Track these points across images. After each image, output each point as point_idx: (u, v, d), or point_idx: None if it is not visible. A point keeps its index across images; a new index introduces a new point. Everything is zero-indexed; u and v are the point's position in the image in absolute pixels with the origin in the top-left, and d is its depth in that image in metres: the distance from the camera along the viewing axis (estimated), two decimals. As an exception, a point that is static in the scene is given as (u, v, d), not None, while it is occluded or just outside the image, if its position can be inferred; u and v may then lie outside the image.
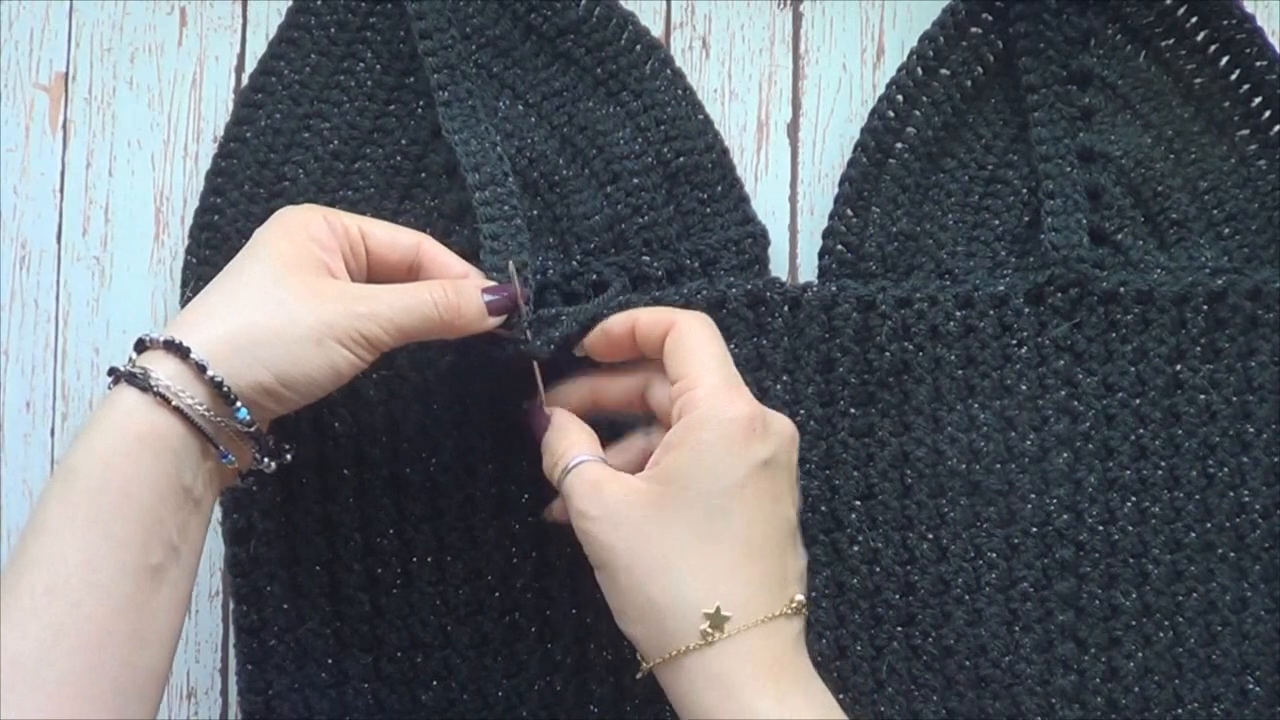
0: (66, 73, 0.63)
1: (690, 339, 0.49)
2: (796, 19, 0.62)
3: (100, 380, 0.61)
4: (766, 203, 0.61)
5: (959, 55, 0.59)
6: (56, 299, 0.62)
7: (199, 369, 0.45)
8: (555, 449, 0.50)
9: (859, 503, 0.56)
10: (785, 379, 0.56)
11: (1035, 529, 0.56)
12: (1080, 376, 0.57)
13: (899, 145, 0.58)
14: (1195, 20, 0.59)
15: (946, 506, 0.56)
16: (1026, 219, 0.59)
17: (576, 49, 0.59)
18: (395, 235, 0.52)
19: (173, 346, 0.45)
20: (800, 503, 0.50)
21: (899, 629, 0.56)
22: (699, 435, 0.46)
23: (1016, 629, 0.56)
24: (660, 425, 0.51)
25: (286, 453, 0.50)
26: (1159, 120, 0.59)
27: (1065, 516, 0.56)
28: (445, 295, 0.49)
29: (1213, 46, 0.59)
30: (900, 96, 0.58)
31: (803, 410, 0.56)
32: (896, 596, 0.56)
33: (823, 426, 0.56)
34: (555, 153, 0.58)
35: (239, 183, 0.58)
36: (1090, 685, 0.56)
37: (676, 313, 0.51)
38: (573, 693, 0.56)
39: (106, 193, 0.63)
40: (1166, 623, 0.56)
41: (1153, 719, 0.55)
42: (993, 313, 0.57)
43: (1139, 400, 0.57)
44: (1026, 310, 0.57)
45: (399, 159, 0.59)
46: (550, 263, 0.57)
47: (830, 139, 0.62)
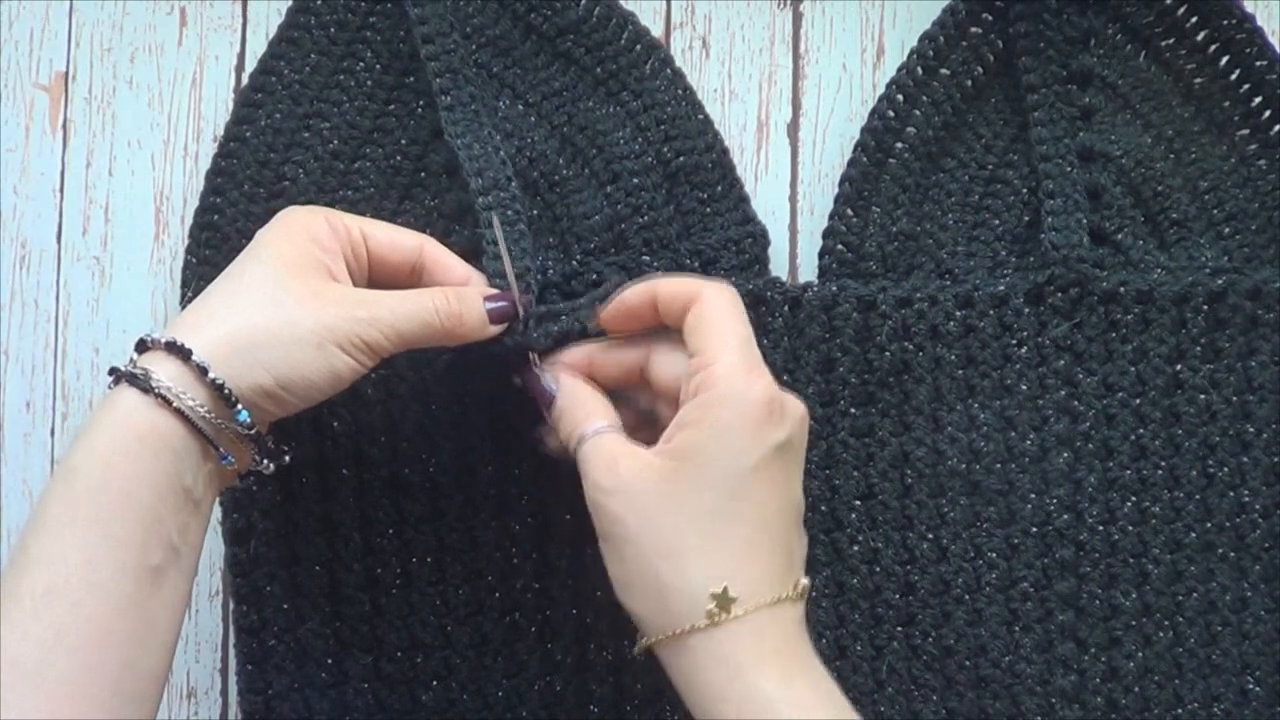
0: (66, 73, 0.63)
1: (714, 313, 0.48)
2: (796, 19, 0.62)
3: (100, 380, 0.61)
4: (766, 203, 0.61)
5: (959, 55, 0.59)
6: (56, 299, 0.62)
7: (200, 371, 0.45)
8: (573, 416, 0.49)
9: (859, 503, 0.56)
10: (785, 379, 0.56)
11: (1035, 529, 0.56)
12: (1080, 376, 0.57)
13: (899, 145, 0.58)
14: (1195, 20, 0.59)
15: (946, 506, 0.56)
16: (1026, 219, 0.59)
17: (576, 49, 0.59)
18: (397, 237, 0.52)
19: (174, 348, 0.45)
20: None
21: (899, 629, 0.56)
22: (717, 414, 0.45)
23: (1016, 629, 0.56)
24: (662, 398, 0.51)
25: (285, 454, 0.50)
26: (1159, 120, 0.59)
27: (1065, 516, 0.56)
28: (448, 303, 0.49)
29: (1213, 46, 0.59)
30: (900, 96, 0.58)
31: (803, 410, 0.56)
32: (896, 596, 0.56)
33: (823, 426, 0.56)
34: (555, 153, 0.58)
35: (239, 183, 0.58)
36: (1090, 685, 0.56)
37: (700, 284, 0.49)
38: (573, 693, 0.56)
39: (106, 193, 0.63)
40: (1166, 623, 0.56)
41: (1153, 719, 0.55)
42: (993, 313, 0.57)
43: (1139, 400, 0.57)
44: (1026, 310, 0.57)
45: (399, 159, 0.59)
46: (550, 263, 0.57)
47: (830, 139, 0.62)
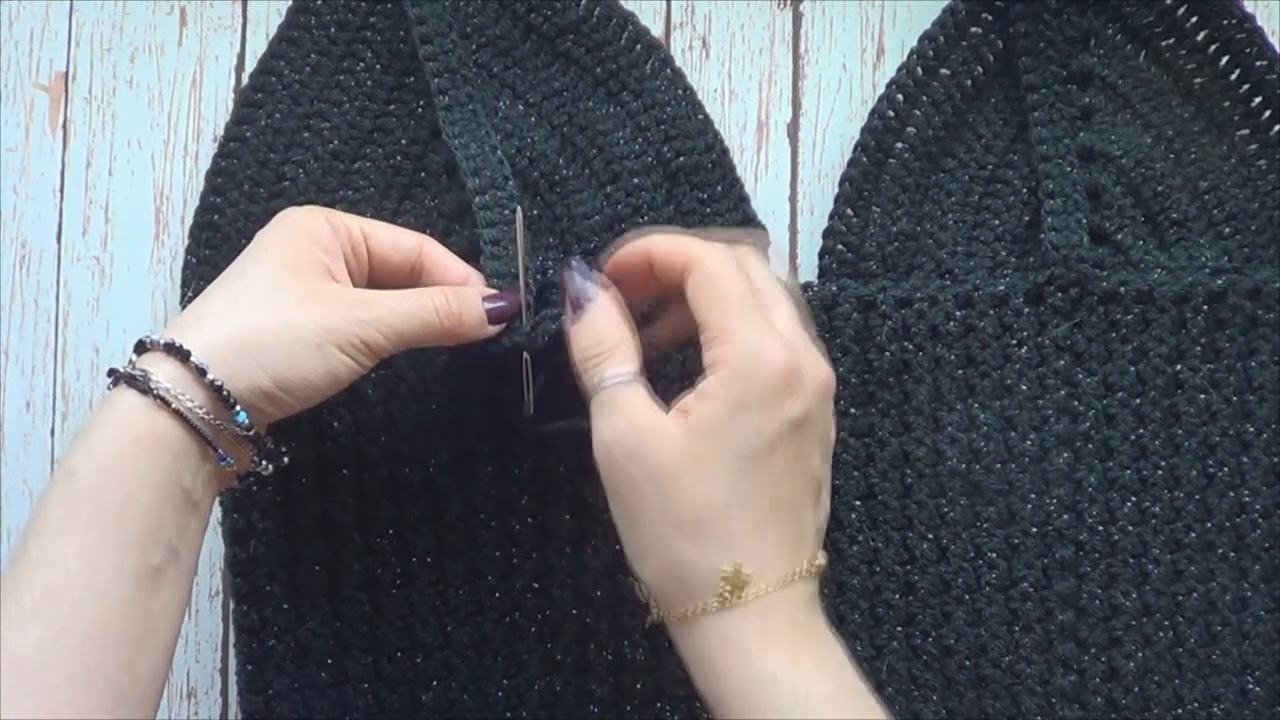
0: (66, 73, 0.63)
1: (714, 282, 0.46)
2: (796, 19, 0.62)
3: (100, 380, 0.61)
4: (766, 203, 0.61)
5: (959, 55, 0.59)
6: (56, 299, 0.62)
7: (199, 372, 0.45)
8: (598, 341, 0.48)
9: (859, 503, 0.56)
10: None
11: (1035, 529, 0.56)
12: (1080, 376, 0.57)
13: (899, 145, 0.58)
14: (1195, 20, 0.59)
15: (946, 506, 0.56)
16: (1026, 219, 0.59)
17: (576, 49, 0.59)
18: (397, 237, 0.52)
19: (173, 349, 0.45)
20: (830, 451, 0.49)
21: (899, 629, 0.56)
22: (736, 391, 0.44)
23: (1016, 629, 0.56)
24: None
25: (284, 455, 0.50)
26: (1159, 120, 0.59)
27: (1065, 516, 0.56)
28: (447, 302, 0.49)
29: (1213, 46, 0.59)
30: (900, 96, 0.58)
31: (803, 410, 0.56)
32: (896, 596, 0.56)
33: (823, 426, 0.56)
34: (555, 153, 0.58)
35: (239, 183, 0.58)
36: (1090, 685, 0.56)
37: (695, 248, 0.47)
38: (573, 693, 0.56)
39: (106, 193, 0.63)
40: (1166, 623, 0.56)
41: (1153, 719, 0.55)
42: (993, 313, 0.57)
43: (1139, 400, 0.57)
44: (1026, 310, 0.57)
45: (399, 159, 0.59)
46: (550, 263, 0.57)
47: (830, 139, 0.62)
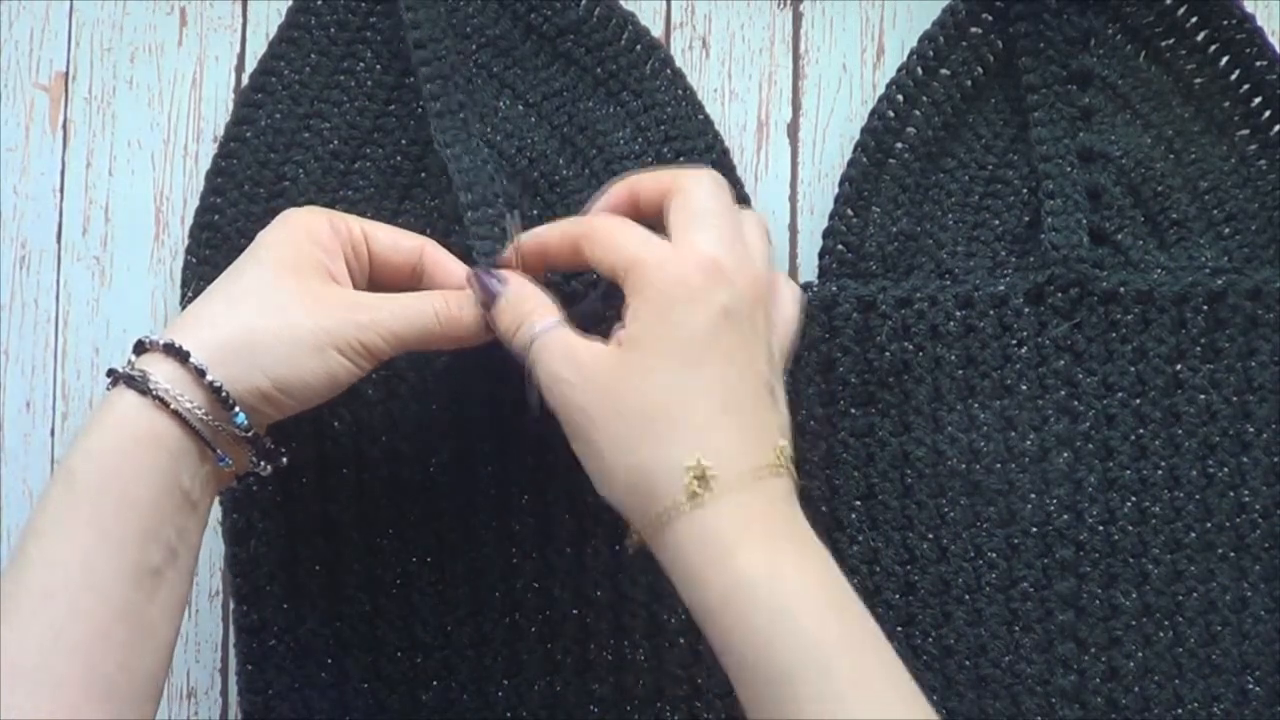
0: (66, 73, 0.63)
1: (607, 230, 0.47)
2: (796, 19, 0.62)
3: (100, 380, 0.61)
4: (766, 203, 0.61)
5: (959, 55, 0.59)
6: (56, 299, 0.62)
7: (198, 373, 0.45)
8: (518, 312, 0.48)
9: (859, 503, 0.56)
10: (785, 379, 0.56)
11: (1035, 529, 0.56)
12: (1080, 376, 0.57)
13: (899, 145, 0.58)
14: (1195, 20, 0.59)
15: (946, 506, 0.56)
16: (1026, 219, 0.59)
17: (576, 49, 0.59)
18: (398, 238, 0.52)
19: (172, 350, 0.45)
20: (780, 364, 0.49)
21: (899, 629, 0.56)
22: (656, 290, 0.45)
23: (1016, 629, 0.56)
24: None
25: (282, 456, 0.50)
26: (1159, 120, 0.59)
27: (1065, 516, 0.56)
28: (447, 306, 0.49)
29: (1213, 46, 0.59)
30: (900, 96, 0.58)
31: (803, 410, 0.56)
32: (896, 596, 0.56)
33: (823, 426, 0.56)
34: (555, 153, 0.58)
35: (239, 183, 0.58)
36: (1090, 685, 0.56)
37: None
38: (573, 693, 0.56)
39: (106, 193, 0.63)
40: (1166, 623, 0.56)
41: (1153, 719, 0.55)
42: (993, 313, 0.57)
43: (1139, 400, 0.57)
44: (1026, 310, 0.57)
45: (399, 159, 0.59)
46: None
47: (830, 139, 0.62)
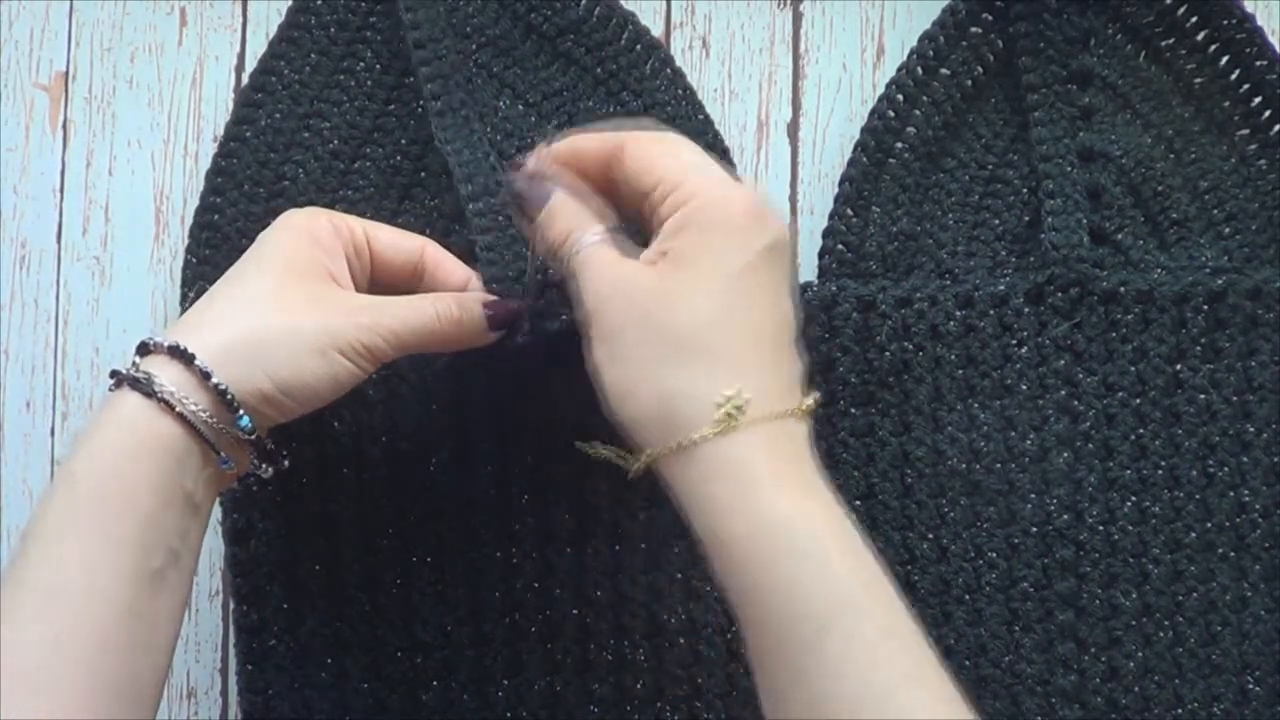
0: (66, 72, 0.63)
1: (658, 145, 0.46)
2: (796, 19, 0.62)
3: (100, 380, 0.61)
4: (767, 203, 0.61)
5: (959, 55, 0.59)
6: (56, 299, 0.62)
7: (203, 375, 0.45)
8: (566, 222, 0.47)
9: (859, 503, 0.56)
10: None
11: (1035, 529, 0.56)
12: (1080, 376, 0.57)
13: (899, 145, 0.58)
14: (1195, 20, 0.59)
15: (946, 506, 0.56)
16: (1026, 219, 0.59)
17: (576, 49, 0.59)
18: (399, 239, 0.52)
19: (177, 352, 0.45)
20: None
21: (899, 629, 0.56)
22: (706, 216, 0.44)
23: (1016, 629, 0.56)
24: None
25: (284, 458, 0.50)
26: (1159, 120, 0.59)
27: (1065, 516, 0.56)
28: (449, 308, 0.49)
29: (1213, 46, 0.59)
30: (900, 96, 0.58)
31: (803, 410, 0.56)
32: (896, 596, 0.56)
33: (823, 426, 0.56)
34: (555, 153, 0.58)
35: (239, 183, 0.58)
36: (1090, 685, 0.56)
37: (625, 133, 0.47)
38: (573, 693, 0.56)
39: (106, 193, 0.62)
40: (1166, 623, 0.56)
41: (1153, 719, 0.55)
42: (993, 313, 0.57)
43: (1139, 400, 0.57)
44: (1026, 310, 0.57)
45: (399, 159, 0.59)
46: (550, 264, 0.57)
47: (830, 139, 0.62)
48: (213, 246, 0.58)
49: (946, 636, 0.56)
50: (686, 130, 0.58)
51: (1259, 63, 0.58)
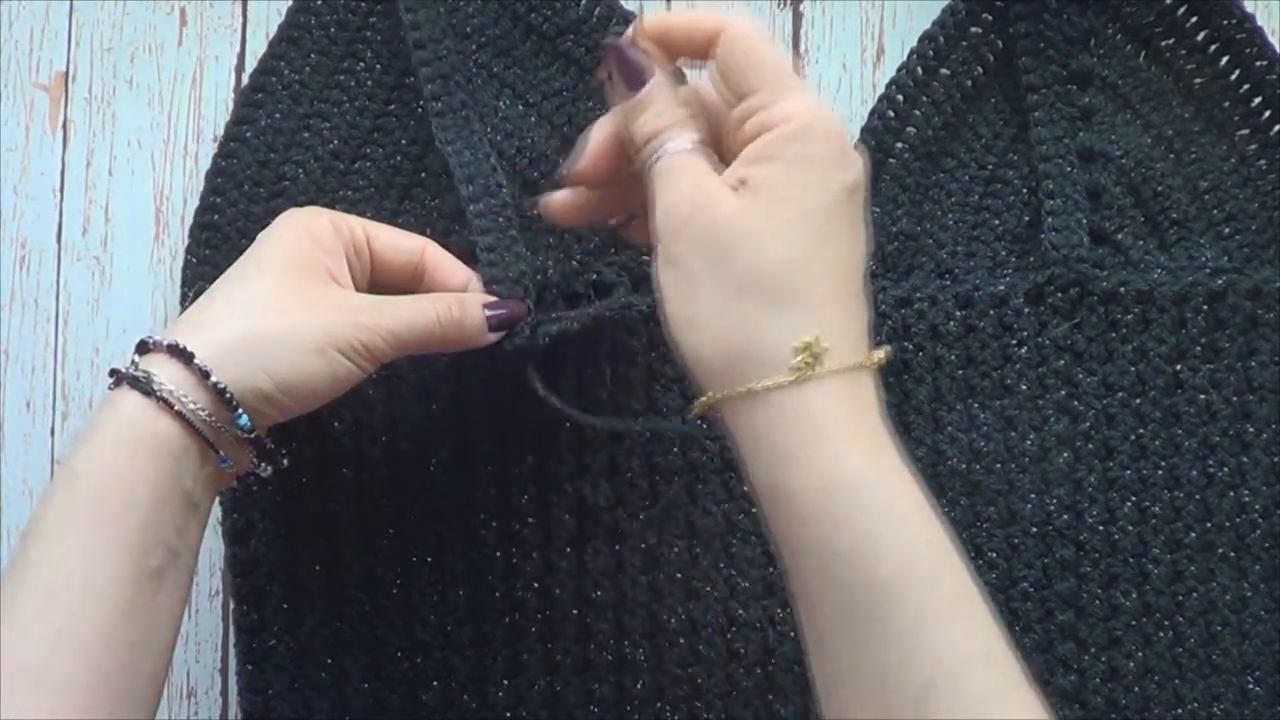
0: (66, 72, 0.63)
1: (755, 49, 0.43)
2: (796, 19, 0.62)
3: (100, 380, 0.61)
4: (766, 203, 0.61)
5: (959, 55, 0.59)
6: (56, 299, 0.62)
7: (202, 374, 0.45)
8: (659, 119, 0.44)
9: (859, 503, 0.56)
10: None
11: (1035, 529, 0.56)
12: (1080, 376, 0.57)
13: (899, 145, 0.59)
14: (1195, 20, 0.59)
15: (946, 506, 0.56)
16: (1026, 219, 0.59)
17: (576, 49, 0.59)
18: (399, 239, 0.52)
19: (176, 351, 0.45)
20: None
21: (899, 629, 0.56)
22: (799, 148, 0.41)
23: (1016, 629, 0.56)
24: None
25: (283, 458, 0.50)
26: (1159, 120, 0.59)
27: (1065, 516, 0.56)
28: (449, 309, 0.49)
29: (1213, 46, 0.59)
30: (900, 96, 0.58)
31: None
32: (896, 596, 0.56)
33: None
34: (555, 153, 0.58)
35: (239, 183, 0.58)
36: (1090, 685, 0.56)
37: (721, 16, 0.43)
38: (574, 693, 0.56)
39: (106, 193, 0.62)
40: (1166, 623, 0.56)
41: (1153, 719, 0.55)
42: (993, 313, 0.57)
43: (1139, 400, 0.57)
44: (1026, 310, 0.57)
45: (399, 159, 0.59)
46: (550, 263, 0.57)
47: (830, 139, 0.61)
48: (213, 246, 0.58)
49: (946, 636, 0.56)
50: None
51: (1259, 63, 0.58)
